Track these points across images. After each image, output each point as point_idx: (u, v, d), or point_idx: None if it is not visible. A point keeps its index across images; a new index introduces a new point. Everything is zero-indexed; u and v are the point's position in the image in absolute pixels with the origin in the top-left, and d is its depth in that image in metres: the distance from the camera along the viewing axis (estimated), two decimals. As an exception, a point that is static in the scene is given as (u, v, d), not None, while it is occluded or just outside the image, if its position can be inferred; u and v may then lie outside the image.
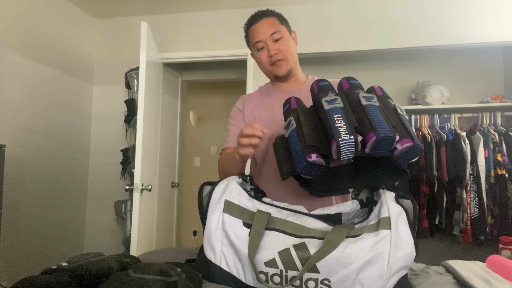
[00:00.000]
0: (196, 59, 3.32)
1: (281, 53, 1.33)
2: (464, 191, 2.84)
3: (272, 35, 1.32)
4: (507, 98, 2.98)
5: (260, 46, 1.34)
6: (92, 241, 3.37)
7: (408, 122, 0.90)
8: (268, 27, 1.32)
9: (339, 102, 0.91)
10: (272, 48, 1.32)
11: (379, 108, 0.87)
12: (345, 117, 0.87)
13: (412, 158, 0.88)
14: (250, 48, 1.44)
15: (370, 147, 0.84)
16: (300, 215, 1.00)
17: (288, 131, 0.96)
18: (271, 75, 1.40)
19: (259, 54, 1.36)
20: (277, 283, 0.87)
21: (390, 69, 3.50)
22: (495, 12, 2.84)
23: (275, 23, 1.34)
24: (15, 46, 2.63)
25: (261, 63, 1.38)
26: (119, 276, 0.74)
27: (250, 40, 1.39)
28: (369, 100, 0.89)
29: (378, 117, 0.85)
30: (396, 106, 0.92)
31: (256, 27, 1.35)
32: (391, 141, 0.83)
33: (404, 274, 0.87)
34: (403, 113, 0.91)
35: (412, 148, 0.85)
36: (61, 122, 3.07)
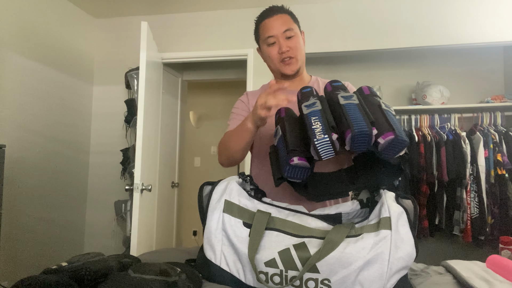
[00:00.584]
0: (196, 59, 3.32)
1: (292, 51, 1.31)
2: (464, 191, 2.84)
3: (285, 32, 1.30)
4: (507, 98, 2.98)
5: (271, 41, 1.32)
6: (92, 241, 3.37)
7: (394, 117, 0.90)
8: (281, 24, 1.31)
9: (317, 105, 0.93)
10: (284, 45, 1.30)
11: (357, 106, 0.89)
12: (321, 118, 0.89)
13: (397, 151, 0.88)
14: (258, 42, 1.41)
15: (348, 143, 0.86)
16: (300, 214, 1.00)
17: (276, 139, 1.00)
18: (278, 73, 1.38)
19: (269, 49, 1.34)
20: (277, 283, 0.87)
21: (390, 69, 3.50)
22: (495, 12, 2.84)
23: (289, 20, 1.33)
24: (15, 46, 2.63)
25: (270, 58, 1.35)
26: (119, 276, 0.74)
27: (261, 34, 1.36)
28: (347, 99, 0.91)
29: (354, 114, 0.87)
30: (381, 103, 0.93)
31: (269, 21, 1.33)
32: (367, 136, 0.85)
33: (404, 274, 0.87)
34: (389, 109, 0.92)
35: (395, 141, 0.85)
36: (61, 122, 3.07)
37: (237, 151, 1.25)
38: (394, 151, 0.88)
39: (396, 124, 0.87)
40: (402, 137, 0.85)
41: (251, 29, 1.47)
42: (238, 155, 1.26)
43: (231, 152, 1.27)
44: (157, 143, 3.03)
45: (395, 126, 0.86)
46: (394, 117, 0.90)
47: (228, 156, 1.29)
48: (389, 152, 0.88)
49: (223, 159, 1.33)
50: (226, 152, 1.29)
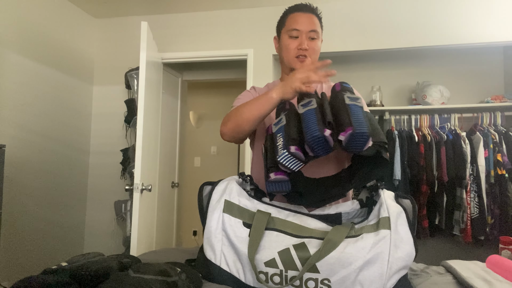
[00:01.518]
0: (196, 59, 3.32)
1: (310, 52, 1.33)
2: (464, 191, 2.84)
3: (310, 33, 1.33)
4: (507, 98, 2.98)
5: (295, 34, 1.33)
6: (92, 241, 3.37)
7: (358, 109, 0.91)
8: (311, 23, 1.33)
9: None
10: (306, 43, 1.32)
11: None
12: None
13: (361, 144, 0.89)
14: (279, 31, 1.41)
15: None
16: (300, 215, 1.01)
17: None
18: (289, 66, 1.38)
19: (289, 40, 1.35)
20: (277, 283, 0.87)
21: (390, 69, 3.50)
22: (495, 12, 2.83)
23: (317, 24, 1.35)
24: (15, 46, 2.63)
25: (287, 49, 1.36)
26: (119, 276, 0.74)
27: (287, 24, 1.37)
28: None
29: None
30: (346, 97, 0.94)
31: (300, 15, 1.35)
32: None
33: (404, 274, 0.87)
34: (355, 102, 0.93)
35: (355, 135, 0.87)
36: (61, 122, 3.07)
37: (249, 119, 1.15)
38: (358, 144, 0.89)
39: (358, 117, 0.88)
40: (360, 130, 0.86)
41: (251, 29, 1.47)
42: (248, 124, 1.17)
43: (242, 119, 1.17)
44: (157, 143, 3.03)
45: (355, 122, 0.87)
46: (359, 109, 0.91)
47: (236, 124, 1.19)
48: (354, 146, 0.90)
49: (228, 127, 1.22)
50: (236, 119, 1.18)
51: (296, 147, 0.91)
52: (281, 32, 1.40)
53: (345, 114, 0.89)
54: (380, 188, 1.00)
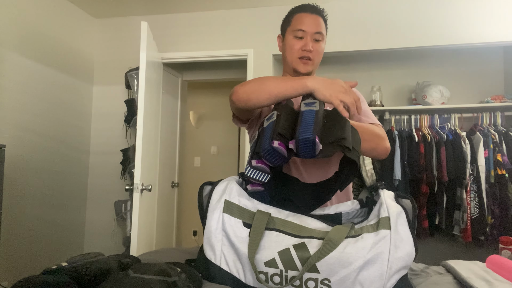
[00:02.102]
0: (196, 59, 3.32)
1: (313, 54, 1.33)
2: (464, 191, 2.84)
3: (315, 34, 1.33)
4: (507, 98, 2.98)
5: (300, 35, 1.33)
6: (92, 241, 3.37)
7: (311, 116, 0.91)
8: (317, 25, 1.33)
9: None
10: (311, 44, 1.31)
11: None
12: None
13: (309, 149, 0.89)
14: (284, 30, 1.40)
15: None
16: (300, 215, 1.00)
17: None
18: (291, 67, 1.36)
19: (294, 40, 1.34)
20: (277, 283, 0.87)
21: (390, 69, 3.50)
22: (495, 12, 2.84)
23: (323, 26, 1.36)
24: (15, 46, 2.63)
25: (290, 49, 1.35)
26: (119, 276, 0.74)
27: (292, 24, 1.35)
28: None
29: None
30: (302, 103, 0.96)
31: (306, 16, 1.34)
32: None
33: (404, 274, 0.87)
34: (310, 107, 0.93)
35: (299, 142, 0.88)
36: (61, 122, 3.07)
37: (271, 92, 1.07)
38: (306, 150, 0.89)
39: (306, 123, 0.89)
40: (303, 136, 0.86)
41: (251, 29, 1.47)
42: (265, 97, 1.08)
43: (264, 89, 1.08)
44: (157, 143, 3.03)
45: (302, 127, 0.88)
46: (310, 114, 0.91)
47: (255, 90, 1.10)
48: (303, 152, 0.89)
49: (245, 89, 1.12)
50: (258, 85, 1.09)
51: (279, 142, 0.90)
52: (286, 31, 1.38)
53: (298, 122, 0.91)
54: (380, 188, 0.99)
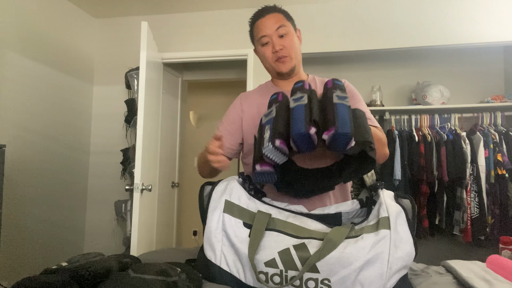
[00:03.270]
0: (196, 59, 3.32)
1: (286, 49, 1.30)
2: (464, 191, 2.84)
3: (278, 30, 1.29)
4: (507, 98, 2.98)
5: (265, 41, 1.31)
6: (92, 241, 3.37)
7: (345, 108, 0.91)
8: (274, 22, 1.30)
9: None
10: (277, 43, 1.29)
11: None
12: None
13: (343, 144, 0.90)
14: (254, 44, 1.41)
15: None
16: (300, 216, 1.01)
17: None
18: (274, 72, 1.37)
19: (263, 49, 1.33)
20: (277, 283, 0.87)
21: (390, 69, 3.50)
22: (495, 12, 2.83)
23: (281, 18, 1.32)
24: (15, 46, 2.63)
25: (265, 58, 1.35)
26: (119, 276, 0.74)
27: (255, 35, 1.36)
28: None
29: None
30: (334, 96, 0.94)
31: (261, 21, 1.32)
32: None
33: (404, 274, 0.87)
34: (342, 101, 0.93)
35: (337, 135, 0.87)
36: (61, 122, 3.07)
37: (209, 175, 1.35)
38: (340, 144, 0.90)
39: (342, 117, 0.89)
40: (343, 131, 0.87)
41: (251, 29, 1.46)
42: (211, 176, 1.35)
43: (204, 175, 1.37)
44: (157, 143, 3.03)
45: (339, 120, 0.88)
46: (345, 109, 0.91)
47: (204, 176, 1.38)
48: (336, 146, 0.90)
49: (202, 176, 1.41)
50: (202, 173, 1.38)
51: (281, 141, 0.92)
52: (255, 44, 1.39)
53: (331, 113, 0.90)
54: (380, 188, 0.99)
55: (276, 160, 0.95)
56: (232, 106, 1.45)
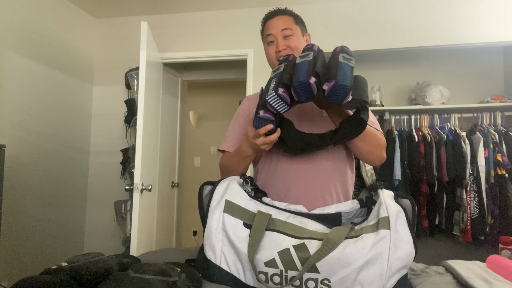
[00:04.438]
0: (196, 59, 3.32)
1: (289, 50, 1.33)
2: (464, 191, 2.84)
3: (283, 31, 1.34)
4: (507, 98, 2.98)
5: (270, 39, 1.37)
6: (92, 241, 3.37)
7: (348, 67, 0.99)
8: (281, 23, 1.35)
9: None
10: (281, 43, 1.33)
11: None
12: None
13: (341, 96, 0.98)
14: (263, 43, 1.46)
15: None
16: (300, 217, 1.01)
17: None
18: None
19: (268, 48, 1.38)
20: (277, 283, 0.87)
21: (390, 69, 3.50)
22: (495, 12, 2.84)
23: (290, 21, 1.37)
24: (15, 46, 2.63)
25: (268, 57, 1.40)
26: (119, 276, 0.74)
27: (264, 33, 1.42)
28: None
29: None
30: (340, 56, 1.02)
31: (271, 21, 1.38)
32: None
33: (404, 274, 0.87)
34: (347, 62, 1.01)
35: (336, 86, 0.96)
36: (61, 122, 3.07)
37: (237, 170, 1.32)
38: (338, 95, 0.98)
39: (344, 72, 0.97)
40: (342, 83, 0.95)
41: (251, 29, 1.49)
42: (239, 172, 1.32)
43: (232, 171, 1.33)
44: (157, 143, 3.03)
45: (341, 74, 0.96)
46: (348, 68, 0.99)
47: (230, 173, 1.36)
48: (334, 96, 0.98)
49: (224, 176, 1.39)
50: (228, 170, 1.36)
51: (283, 89, 1.01)
52: (263, 43, 1.45)
53: (334, 68, 0.98)
54: (380, 188, 1.00)
55: (278, 107, 1.04)
56: (240, 108, 1.49)
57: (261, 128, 1.10)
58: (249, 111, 1.45)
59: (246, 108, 1.47)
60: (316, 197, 1.29)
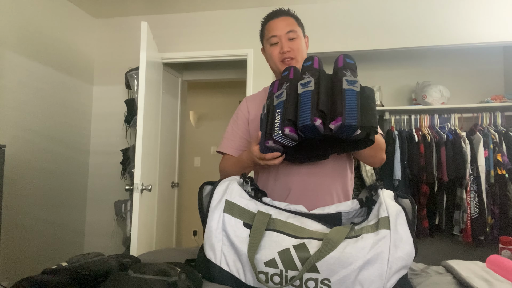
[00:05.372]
0: (196, 59, 3.32)
1: (293, 52, 1.34)
2: (464, 191, 2.84)
3: (288, 33, 1.34)
4: (507, 98, 2.98)
5: (274, 41, 1.36)
6: (92, 241, 3.37)
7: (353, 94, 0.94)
8: (286, 25, 1.35)
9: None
10: (286, 45, 1.34)
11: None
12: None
13: (350, 133, 0.95)
14: (262, 43, 1.45)
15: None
16: (300, 217, 1.01)
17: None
18: (279, 72, 1.39)
19: (271, 48, 1.37)
20: (277, 283, 0.87)
21: (390, 69, 3.50)
22: (495, 12, 2.84)
23: (293, 23, 1.37)
24: (15, 46, 2.63)
25: (271, 58, 1.39)
26: (119, 276, 0.74)
27: (265, 34, 1.41)
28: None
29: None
30: (344, 80, 0.97)
31: (274, 22, 1.38)
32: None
33: (404, 274, 0.87)
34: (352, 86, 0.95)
35: (344, 126, 0.93)
36: (61, 122, 3.07)
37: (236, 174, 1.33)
38: (346, 133, 0.95)
39: (350, 107, 0.93)
40: (349, 123, 0.91)
41: (251, 29, 1.49)
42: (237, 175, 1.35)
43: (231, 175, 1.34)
44: (157, 143, 3.03)
45: (347, 110, 0.92)
46: (353, 96, 0.94)
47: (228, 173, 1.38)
48: (343, 134, 0.96)
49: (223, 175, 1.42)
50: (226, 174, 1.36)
51: (290, 128, 0.99)
52: (263, 42, 1.44)
53: (339, 101, 0.94)
54: (380, 187, 1.00)
55: (286, 143, 1.03)
56: (238, 109, 1.49)
57: (267, 154, 1.11)
58: (248, 113, 1.45)
59: (245, 110, 1.46)
60: (317, 199, 1.30)
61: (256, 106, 1.45)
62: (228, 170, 1.37)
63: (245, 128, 1.43)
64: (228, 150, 1.42)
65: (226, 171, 1.39)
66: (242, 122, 1.45)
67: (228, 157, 1.42)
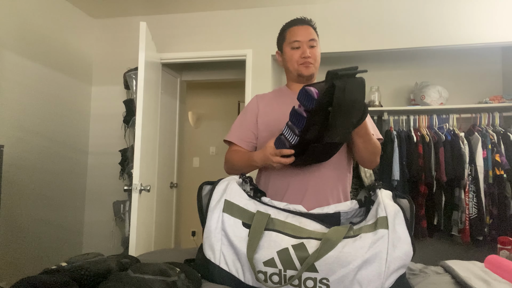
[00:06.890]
0: (195, 59, 3.32)
1: (313, 58, 1.48)
2: (462, 192, 2.84)
3: (310, 41, 1.47)
4: (506, 98, 2.99)
5: (296, 45, 1.47)
6: (91, 242, 3.37)
7: None
8: (309, 33, 1.49)
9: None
10: (307, 51, 1.46)
11: None
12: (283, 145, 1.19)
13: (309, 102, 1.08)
14: (280, 45, 1.55)
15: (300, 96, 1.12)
16: (299, 217, 1.01)
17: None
18: (295, 73, 1.51)
19: (292, 51, 1.48)
20: (276, 282, 0.87)
21: (389, 70, 3.50)
22: (494, 12, 2.84)
23: (314, 33, 1.51)
24: (14, 46, 2.62)
25: (291, 60, 1.49)
26: (119, 276, 0.75)
27: (287, 38, 1.51)
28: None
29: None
30: None
31: (298, 28, 1.50)
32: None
33: (402, 273, 0.88)
34: None
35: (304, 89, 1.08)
36: (60, 123, 3.07)
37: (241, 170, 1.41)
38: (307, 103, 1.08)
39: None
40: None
41: (250, 29, 1.50)
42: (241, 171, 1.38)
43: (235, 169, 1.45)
44: (156, 144, 3.03)
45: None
46: None
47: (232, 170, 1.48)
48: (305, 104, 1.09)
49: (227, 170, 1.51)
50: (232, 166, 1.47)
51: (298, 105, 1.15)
52: (283, 46, 1.53)
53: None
54: (378, 188, 1.00)
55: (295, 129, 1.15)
56: (249, 105, 1.58)
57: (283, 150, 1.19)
58: (257, 109, 1.53)
59: (255, 105, 1.55)
60: (316, 199, 1.31)
61: (266, 103, 1.53)
62: (234, 162, 1.46)
63: (253, 121, 1.51)
64: (234, 139, 1.49)
65: (232, 162, 1.47)
66: (251, 115, 1.52)
67: (237, 149, 1.49)
